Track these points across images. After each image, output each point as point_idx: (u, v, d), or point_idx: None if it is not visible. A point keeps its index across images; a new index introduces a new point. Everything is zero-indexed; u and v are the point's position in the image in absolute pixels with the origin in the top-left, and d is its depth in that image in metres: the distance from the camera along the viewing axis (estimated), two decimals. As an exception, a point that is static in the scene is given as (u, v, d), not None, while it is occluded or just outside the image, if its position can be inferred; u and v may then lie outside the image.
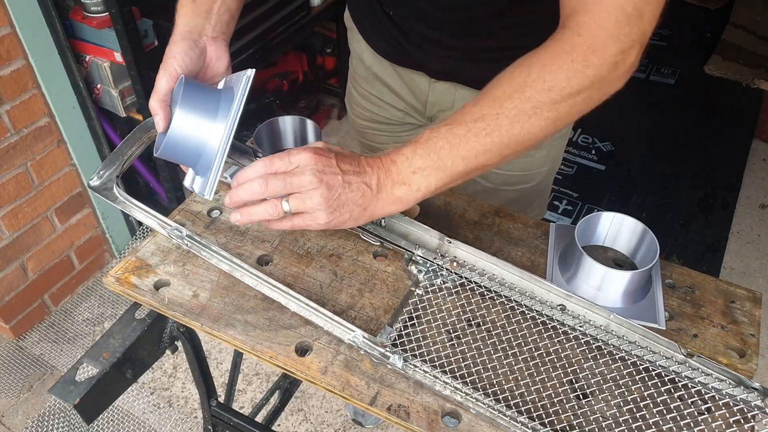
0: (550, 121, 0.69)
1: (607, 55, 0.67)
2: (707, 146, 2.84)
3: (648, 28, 0.68)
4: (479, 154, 0.70)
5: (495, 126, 0.69)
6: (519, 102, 0.68)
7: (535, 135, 0.70)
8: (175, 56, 0.79)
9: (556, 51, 0.68)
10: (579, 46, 0.67)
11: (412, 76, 1.06)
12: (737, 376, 0.69)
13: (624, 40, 0.67)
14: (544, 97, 0.68)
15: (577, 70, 0.67)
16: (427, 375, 0.70)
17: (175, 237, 0.83)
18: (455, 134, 0.70)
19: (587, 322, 0.76)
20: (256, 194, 0.71)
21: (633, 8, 0.65)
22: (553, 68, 0.68)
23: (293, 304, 0.76)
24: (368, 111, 1.20)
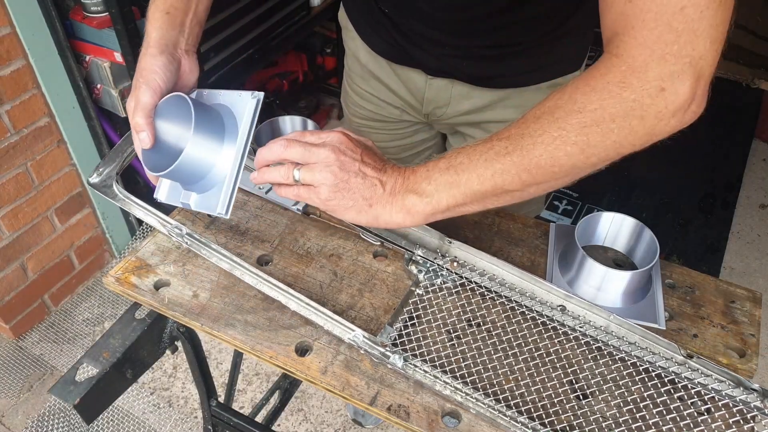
0: (578, 147, 0.61)
1: (649, 77, 0.58)
2: (707, 146, 2.84)
3: (707, 54, 0.58)
4: (496, 173, 0.64)
5: (517, 145, 0.63)
6: (545, 123, 0.62)
7: (559, 161, 0.62)
8: (157, 71, 0.78)
9: (592, 74, 0.62)
10: (616, 66, 0.60)
11: (409, 73, 1.06)
12: (736, 377, 0.69)
13: (671, 62, 0.57)
14: (572, 118, 0.61)
15: (612, 92, 0.60)
16: (427, 375, 0.70)
17: (174, 235, 0.83)
18: (477, 150, 0.66)
19: (587, 323, 0.76)
20: (275, 153, 0.72)
21: (684, 26, 0.56)
22: (586, 90, 0.61)
23: (293, 303, 0.76)
24: (364, 109, 1.20)
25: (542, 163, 0.63)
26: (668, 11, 0.56)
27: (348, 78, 1.22)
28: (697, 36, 0.57)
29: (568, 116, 0.61)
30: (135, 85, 0.78)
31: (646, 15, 0.57)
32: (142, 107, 0.77)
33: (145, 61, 0.78)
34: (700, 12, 0.56)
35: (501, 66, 0.97)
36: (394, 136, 1.22)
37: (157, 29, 0.80)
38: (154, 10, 0.82)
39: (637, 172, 2.70)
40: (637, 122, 0.60)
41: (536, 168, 0.63)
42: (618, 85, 0.60)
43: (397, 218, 0.71)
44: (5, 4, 1.54)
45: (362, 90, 1.17)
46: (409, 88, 1.09)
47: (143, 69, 0.78)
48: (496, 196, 0.67)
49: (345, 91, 1.25)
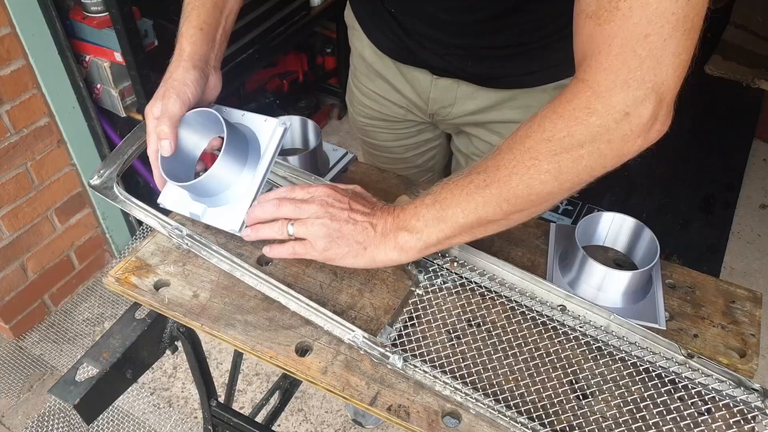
0: (551, 175, 0.63)
1: (613, 102, 0.60)
2: (707, 146, 2.84)
3: (669, 80, 0.60)
4: (478, 206, 0.67)
5: (494, 177, 0.66)
6: (518, 153, 0.64)
7: (535, 190, 0.64)
8: (189, 84, 0.80)
9: (560, 100, 0.64)
10: (582, 92, 0.62)
11: (414, 72, 1.06)
12: (737, 377, 0.69)
13: (634, 87, 0.59)
14: (542, 147, 0.63)
15: (578, 118, 0.61)
16: (427, 375, 0.70)
17: (175, 236, 0.83)
18: (458, 185, 0.68)
19: (587, 323, 0.76)
20: (268, 213, 0.76)
21: (648, 53, 0.58)
22: (553, 117, 0.63)
23: (293, 303, 0.76)
24: (369, 108, 1.20)
25: (519, 192, 0.65)
26: (633, 37, 0.58)
27: (353, 77, 1.22)
28: (659, 63, 0.59)
29: (539, 145, 0.63)
30: (164, 93, 0.79)
31: (613, 40, 0.59)
32: (170, 116, 0.78)
33: (178, 73, 0.81)
34: (663, 40, 0.58)
35: (506, 66, 0.97)
36: (398, 136, 1.22)
37: (191, 44, 0.83)
38: (188, 25, 0.84)
39: (637, 172, 2.70)
40: (605, 146, 0.62)
41: (514, 198, 0.65)
42: (584, 111, 0.61)
43: (392, 256, 0.73)
44: (5, 4, 1.54)
45: (367, 89, 1.17)
46: (415, 88, 1.09)
47: (175, 80, 0.80)
48: (482, 226, 0.69)
49: (350, 90, 1.26)
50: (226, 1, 0.88)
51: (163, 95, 0.79)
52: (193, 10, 0.85)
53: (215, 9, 0.86)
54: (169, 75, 0.81)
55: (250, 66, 2.14)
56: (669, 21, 0.58)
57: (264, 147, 0.81)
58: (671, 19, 0.58)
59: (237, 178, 0.80)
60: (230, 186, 0.80)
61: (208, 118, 0.80)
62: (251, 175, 0.80)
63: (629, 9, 0.58)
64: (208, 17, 0.85)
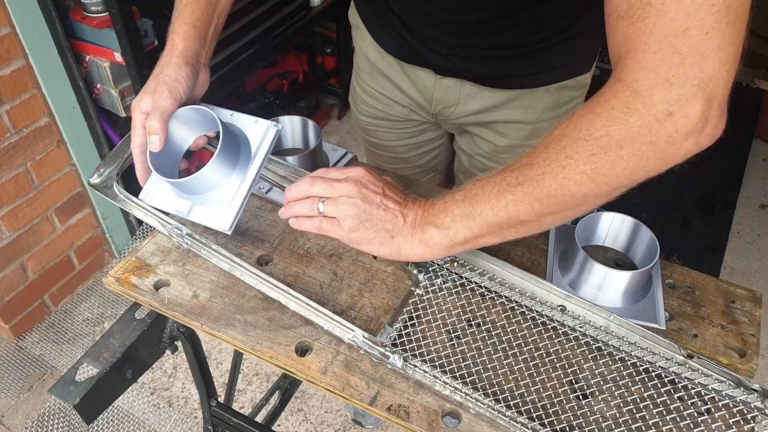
0: (587, 176, 0.60)
1: (654, 101, 0.57)
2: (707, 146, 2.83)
3: (717, 75, 0.55)
4: (509, 204, 0.65)
5: (527, 175, 0.64)
6: (553, 152, 0.62)
7: (569, 190, 0.62)
8: (180, 80, 0.80)
9: (598, 100, 0.61)
10: (620, 91, 0.59)
11: (418, 72, 1.06)
12: (737, 378, 0.69)
13: (677, 85, 0.56)
14: (579, 146, 0.60)
15: (617, 117, 0.58)
16: (427, 375, 0.70)
17: (175, 236, 0.83)
18: (490, 182, 0.67)
19: (587, 323, 0.76)
20: (301, 191, 0.75)
21: (689, 47, 0.55)
22: (590, 117, 0.60)
23: (293, 303, 0.76)
24: (372, 108, 1.20)
25: (552, 192, 0.62)
26: (671, 33, 0.55)
27: (357, 76, 1.22)
28: (704, 58, 0.55)
29: (575, 144, 0.61)
30: (155, 89, 0.79)
31: (649, 38, 0.56)
32: (161, 112, 0.78)
33: (169, 69, 0.80)
34: (706, 33, 0.54)
35: (510, 67, 0.97)
36: (401, 135, 1.22)
37: (183, 41, 0.82)
38: (182, 22, 0.83)
39: (637, 172, 2.70)
40: (647, 148, 0.59)
41: (547, 197, 0.63)
42: (623, 111, 0.58)
43: (418, 251, 0.71)
44: (5, 4, 1.54)
45: (371, 88, 1.17)
46: (418, 88, 1.09)
47: (167, 77, 0.79)
48: (513, 227, 0.67)
49: (353, 89, 1.26)
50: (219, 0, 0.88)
51: (154, 90, 0.79)
52: (187, 6, 0.84)
53: (209, 6, 0.85)
54: (159, 70, 0.81)
55: (250, 66, 2.14)
56: (710, 12, 0.54)
57: (255, 148, 0.81)
58: (712, 10, 0.54)
59: (227, 178, 0.80)
60: (219, 185, 0.80)
61: (202, 115, 0.80)
62: (242, 175, 0.80)
63: (663, 4, 0.55)
64: (201, 14, 0.84)
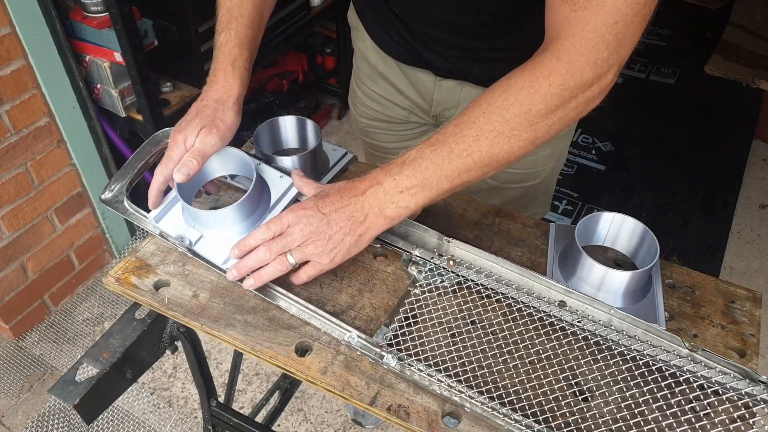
0: (529, 141, 0.72)
1: (584, 78, 0.68)
2: (707, 146, 2.84)
3: (626, 54, 0.69)
4: (462, 172, 0.73)
5: (476, 147, 0.72)
6: (498, 124, 0.71)
7: (514, 154, 0.72)
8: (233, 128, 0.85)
9: (534, 74, 0.70)
10: (557, 70, 0.69)
11: (418, 74, 1.06)
12: (743, 369, 0.69)
13: (602, 65, 0.68)
14: (522, 119, 0.70)
15: (553, 94, 0.69)
16: (422, 374, 0.70)
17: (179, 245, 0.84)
18: (439, 155, 0.73)
19: (586, 317, 0.75)
20: (263, 260, 0.77)
21: (614, 37, 0.66)
22: (530, 92, 0.70)
23: (282, 302, 0.76)
24: (372, 110, 1.20)
25: (501, 158, 0.73)
26: (604, 25, 0.66)
27: (356, 78, 1.22)
28: (622, 45, 0.67)
29: (518, 117, 0.70)
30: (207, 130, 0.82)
31: (586, 26, 0.66)
32: (204, 155, 0.82)
33: (226, 114, 0.85)
34: (627, 26, 0.66)
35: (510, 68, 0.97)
36: (400, 137, 1.22)
37: (240, 85, 0.87)
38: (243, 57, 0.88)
39: (637, 172, 2.71)
40: (573, 111, 0.71)
41: (496, 162, 0.73)
42: (559, 88, 0.69)
43: (385, 225, 0.76)
44: (5, 4, 1.54)
45: (370, 90, 1.17)
46: (418, 90, 1.09)
47: (222, 122, 0.84)
48: (464, 185, 0.75)
49: (353, 91, 1.26)
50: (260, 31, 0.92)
51: (206, 131, 0.82)
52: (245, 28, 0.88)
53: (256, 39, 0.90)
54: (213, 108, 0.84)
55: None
56: (633, 8, 0.65)
57: (275, 199, 0.86)
58: (634, 6, 0.65)
59: (242, 221, 0.83)
60: (232, 227, 0.83)
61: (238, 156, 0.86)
62: (255, 222, 0.84)
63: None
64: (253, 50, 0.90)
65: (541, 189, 1.19)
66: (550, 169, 1.16)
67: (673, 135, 2.90)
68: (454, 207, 0.95)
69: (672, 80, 3.20)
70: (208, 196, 0.95)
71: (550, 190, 1.25)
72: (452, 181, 0.74)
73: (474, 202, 0.96)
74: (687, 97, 3.10)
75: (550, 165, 1.15)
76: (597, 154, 2.78)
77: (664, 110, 3.05)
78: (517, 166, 1.12)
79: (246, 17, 0.89)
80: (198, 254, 0.83)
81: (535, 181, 1.15)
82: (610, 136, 2.85)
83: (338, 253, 0.76)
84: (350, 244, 0.76)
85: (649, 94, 3.11)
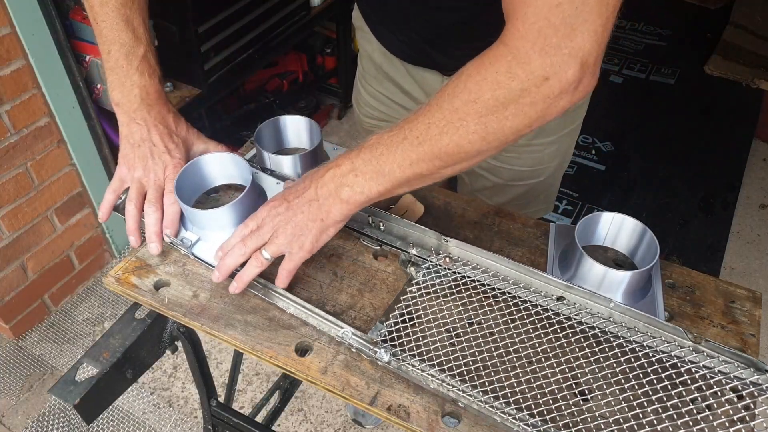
0: (479, 135, 0.67)
1: (533, 68, 0.62)
2: (707, 146, 2.84)
3: (586, 45, 0.61)
4: (413, 162, 0.70)
5: (426, 136, 0.68)
6: (447, 113, 0.67)
7: (464, 148, 0.68)
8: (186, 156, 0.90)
9: (482, 62, 0.66)
10: (504, 56, 0.64)
11: (424, 74, 1.06)
12: (748, 358, 0.69)
13: (551, 53, 0.61)
14: (469, 108, 0.66)
15: (500, 82, 0.64)
16: (415, 369, 0.69)
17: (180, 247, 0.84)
18: (393, 141, 0.70)
19: (585, 310, 0.75)
20: (239, 257, 0.78)
21: (561, 21, 0.60)
22: (477, 79, 0.65)
23: (281, 301, 0.76)
24: (376, 110, 1.20)
25: (450, 150, 0.68)
26: (545, 6, 0.60)
27: (361, 78, 1.22)
28: (574, 30, 0.60)
29: (466, 106, 0.66)
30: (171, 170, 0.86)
31: (527, 8, 0.61)
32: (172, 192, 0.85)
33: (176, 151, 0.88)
34: (575, 8, 0.59)
35: None
36: None
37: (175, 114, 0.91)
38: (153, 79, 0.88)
39: (637, 172, 2.71)
40: (529, 108, 0.64)
41: (446, 155, 0.68)
42: (506, 75, 0.63)
43: (343, 209, 0.74)
44: (5, 4, 1.54)
45: (375, 91, 1.17)
46: (425, 90, 1.08)
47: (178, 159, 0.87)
48: (418, 179, 0.72)
49: (357, 91, 1.26)
50: None
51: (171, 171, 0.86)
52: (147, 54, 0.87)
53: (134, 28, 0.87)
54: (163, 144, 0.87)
55: (250, 66, 2.14)
56: None
57: None
58: None
59: (237, 224, 0.83)
60: (229, 228, 0.83)
61: (237, 163, 0.88)
62: None
63: None
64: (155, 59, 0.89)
65: (544, 186, 1.19)
66: (555, 167, 1.16)
67: (673, 135, 2.90)
68: (454, 207, 0.95)
69: (672, 80, 3.20)
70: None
71: (553, 187, 1.25)
72: (404, 171, 0.70)
73: (474, 202, 0.96)
74: (687, 97, 3.10)
75: (555, 162, 1.15)
76: (597, 154, 2.78)
77: (664, 110, 3.05)
78: (523, 162, 1.11)
79: None
80: (197, 256, 0.83)
81: (540, 179, 1.15)
82: (610, 136, 2.85)
83: (306, 240, 0.75)
84: (315, 229, 0.75)
85: (649, 94, 3.11)
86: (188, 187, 0.87)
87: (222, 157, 0.89)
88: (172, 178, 0.84)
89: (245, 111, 2.57)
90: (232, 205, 0.82)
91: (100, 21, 0.85)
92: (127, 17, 0.85)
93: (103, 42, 0.86)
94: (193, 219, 0.85)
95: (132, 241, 0.86)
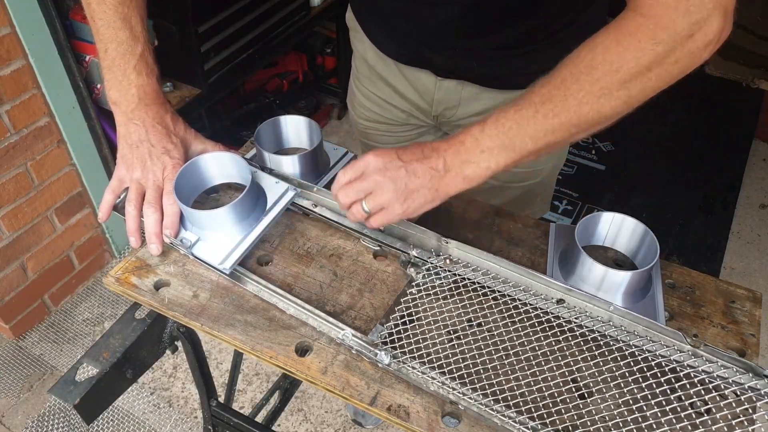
0: (622, 100, 0.67)
1: (678, 29, 0.63)
2: (707, 146, 2.84)
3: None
4: (548, 133, 0.70)
5: (563, 107, 0.68)
6: (587, 84, 0.67)
7: (605, 114, 0.68)
8: (185, 155, 0.90)
9: (620, 34, 0.66)
10: (644, 26, 0.64)
11: (418, 74, 1.06)
12: (747, 363, 0.69)
13: (695, 12, 0.62)
14: (612, 78, 0.66)
15: (645, 49, 0.64)
16: (415, 371, 0.70)
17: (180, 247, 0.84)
18: (523, 115, 0.70)
19: (584, 313, 0.75)
20: (342, 206, 0.79)
21: None
22: (618, 50, 0.65)
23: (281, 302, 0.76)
24: (371, 111, 1.20)
25: (590, 118, 0.68)
26: None
27: (355, 79, 1.22)
28: None
29: (607, 76, 0.66)
30: (170, 171, 0.85)
31: None
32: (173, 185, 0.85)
33: (175, 150, 0.88)
34: None
35: (511, 66, 0.97)
36: (399, 139, 1.22)
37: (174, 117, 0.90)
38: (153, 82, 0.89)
39: (637, 172, 2.70)
40: (672, 66, 0.65)
41: (585, 123, 0.69)
42: (650, 42, 0.63)
43: (461, 186, 0.75)
44: (5, 4, 1.54)
45: (369, 92, 1.17)
46: (418, 90, 1.08)
47: (176, 160, 0.87)
48: (549, 147, 0.72)
49: (351, 92, 1.25)
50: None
51: (169, 173, 0.85)
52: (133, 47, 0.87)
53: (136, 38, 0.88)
54: (163, 144, 0.87)
55: (250, 66, 2.14)
56: None
57: (270, 204, 0.88)
58: None
59: (239, 223, 0.84)
60: (228, 228, 0.84)
61: (237, 163, 0.89)
62: (252, 224, 0.85)
63: None
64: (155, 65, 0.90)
65: (541, 187, 1.19)
66: (550, 168, 1.16)
67: (673, 135, 2.90)
68: (454, 207, 0.95)
69: (672, 80, 3.20)
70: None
71: (549, 188, 1.25)
72: (537, 142, 0.70)
73: (474, 202, 0.96)
74: (687, 97, 3.10)
75: (551, 163, 1.15)
76: (597, 154, 2.78)
77: (664, 110, 3.05)
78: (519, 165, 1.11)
79: None
80: (197, 256, 0.83)
81: (536, 180, 1.15)
82: (610, 136, 2.85)
83: (412, 204, 0.75)
84: (425, 197, 0.75)
85: (649, 94, 3.11)
86: (187, 187, 0.87)
87: (221, 156, 0.89)
88: (171, 179, 0.84)
89: (245, 111, 2.57)
90: (232, 205, 0.82)
91: (97, 19, 0.84)
92: (124, 15, 0.84)
93: (100, 40, 0.86)
94: (193, 219, 0.85)
95: (132, 242, 0.86)
